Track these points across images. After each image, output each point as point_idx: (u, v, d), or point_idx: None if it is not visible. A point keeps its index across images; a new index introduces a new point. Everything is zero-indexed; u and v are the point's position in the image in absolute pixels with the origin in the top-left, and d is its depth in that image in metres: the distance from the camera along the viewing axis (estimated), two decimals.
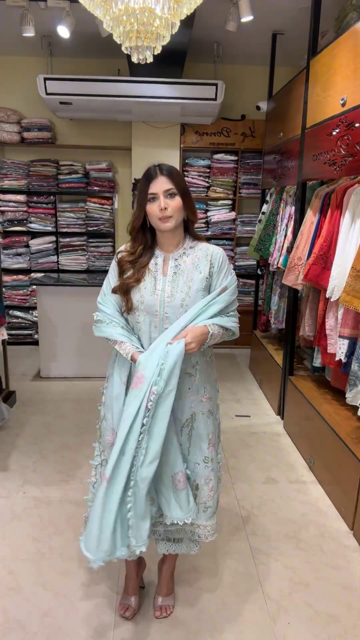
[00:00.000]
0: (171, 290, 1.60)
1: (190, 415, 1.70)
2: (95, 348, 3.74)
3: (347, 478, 2.47)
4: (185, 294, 1.60)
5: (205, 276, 1.62)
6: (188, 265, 1.63)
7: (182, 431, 1.71)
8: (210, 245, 1.69)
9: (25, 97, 5.05)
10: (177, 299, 1.59)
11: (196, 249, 1.66)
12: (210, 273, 1.64)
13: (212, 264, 1.64)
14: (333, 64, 2.75)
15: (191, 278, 1.61)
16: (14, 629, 1.83)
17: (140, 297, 1.61)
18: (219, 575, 2.12)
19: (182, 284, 1.61)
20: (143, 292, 1.61)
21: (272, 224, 3.94)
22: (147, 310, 1.62)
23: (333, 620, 1.91)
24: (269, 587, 2.07)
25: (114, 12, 1.96)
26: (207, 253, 1.65)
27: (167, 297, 1.60)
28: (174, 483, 1.65)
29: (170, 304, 1.60)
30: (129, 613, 1.90)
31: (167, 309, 1.60)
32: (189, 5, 2.02)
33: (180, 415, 1.69)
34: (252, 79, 5.10)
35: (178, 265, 1.63)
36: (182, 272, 1.62)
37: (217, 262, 1.65)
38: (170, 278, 1.62)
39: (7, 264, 5.24)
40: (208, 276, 1.63)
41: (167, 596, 1.95)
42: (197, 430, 1.72)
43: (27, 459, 3.02)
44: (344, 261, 2.55)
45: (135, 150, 5.11)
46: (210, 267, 1.64)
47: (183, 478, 1.66)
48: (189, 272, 1.62)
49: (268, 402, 3.99)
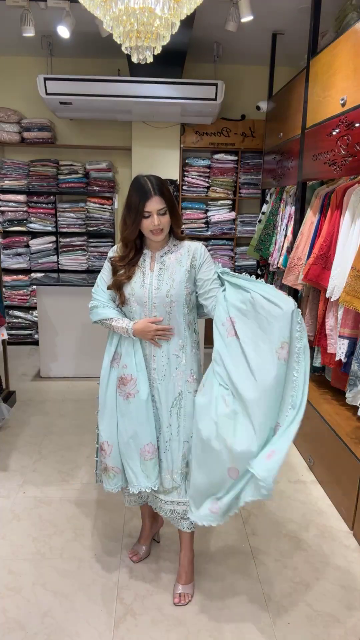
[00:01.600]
0: (157, 283, 1.83)
1: (178, 393, 1.88)
2: (95, 348, 3.74)
3: (347, 478, 2.47)
4: (170, 285, 1.82)
5: (187, 269, 1.84)
6: (172, 261, 1.85)
7: (171, 411, 1.89)
8: (192, 242, 1.90)
9: (25, 97, 5.05)
10: (162, 290, 1.82)
11: (179, 246, 1.88)
12: (192, 265, 1.84)
13: (194, 257, 1.85)
14: (333, 64, 2.75)
15: (175, 272, 1.83)
16: (14, 629, 1.83)
17: (131, 290, 1.85)
18: (219, 575, 2.13)
19: (167, 278, 1.83)
20: (134, 286, 1.84)
21: (272, 224, 3.94)
22: (137, 301, 1.85)
23: (333, 620, 1.91)
24: (269, 587, 2.07)
25: (114, 12, 1.96)
26: (189, 250, 1.86)
27: (155, 289, 1.83)
28: (142, 455, 1.86)
29: (158, 295, 1.82)
30: (136, 558, 2.18)
31: (154, 299, 1.83)
32: (189, 5, 2.02)
33: (170, 395, 1.88)
34: (252, 79, 5.10)
35: (163, 262, 1.85)
36: (166, 267, 1.84)
37: (198, 255, 1.85)
38: (157, 273, 1.84)
39: (7, 264, 5.24)
40: (189, 268, 1.84)
41: (186, 584, 2.01)
42: (185, 408, 1.88)
43: (27, 459, 3.02)
44: (344, 261, 2.55)
45: (135, 150, 5.11)
46: (192, 260, 1.85)
47: (152, 449, 1.87)
48: (172, 267, 1.84)
49: None
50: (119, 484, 1.95)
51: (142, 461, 1.86)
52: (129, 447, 1.87)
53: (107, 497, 2.62)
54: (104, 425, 1.93)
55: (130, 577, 2.10)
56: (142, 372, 1.85)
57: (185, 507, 1.91)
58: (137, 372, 1.85)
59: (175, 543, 2.26)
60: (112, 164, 5.31)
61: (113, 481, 1.95)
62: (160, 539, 2.32)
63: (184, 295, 1.83)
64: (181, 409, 1.88)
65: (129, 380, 1.86)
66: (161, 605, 1.96)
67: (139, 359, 1.86)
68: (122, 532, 2.39)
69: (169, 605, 1.97)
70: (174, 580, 2.06)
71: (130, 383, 1.85)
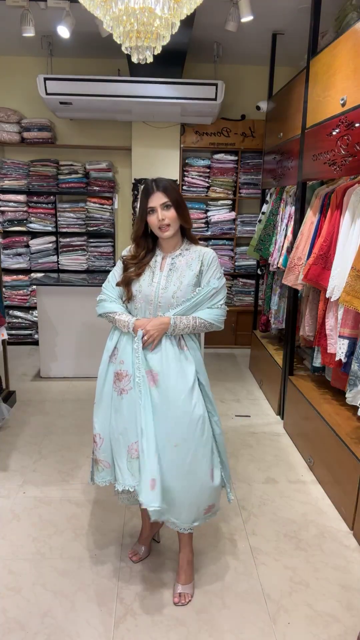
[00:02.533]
0: (165, 283, 1.86)
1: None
2: (95, 348, 3.73)
3: (347, 478, 2.47)
4: (177, 287, 1.85)
5: (195, 273, 1.87)
6: (182, 264, 1.89)
7: None
8: (203, 247, 1.94)
9: (25, 97, 5.06)
10: (169, 291, 1.85)
11: (191, 250, 1.92)
12: (201, 271, 1.88)
13: (203, 262, 1.89)
14: (333, 64, 2.75)
15: (184, 274, 1.87)
16: (14, 629, 1.83)
17: (138, 287, 1.88)
18: (219, 575, 2.13)
19: (175, 279, 1.86)
20: (142, 283, 1.88)
21: (272, 224, 3.94)
22: (144, 299, 1.88)
23: (333, 620, 1.91)
24: (269, 587, 2.07)
25: (114, 12, 1.96)
26: (200, 254, 1.90)
27: (162, 289, 1.86)
28: (129, 452, 1.86)
29: (164, 295, 1.86)
30: (136, 558, 2.18)
31: (160, 298, 1.86)
32: (189, 5, 2.02)
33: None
34: (252, 79, 5.10)
35: (174, 263, 1.89)
36: (176, 269, 1.88)
37: (207, 260, 1.89)
38: (166, 273, 1.88)
39: (7, 264, 5.24)
40: (198, 273, 1.88)
41: (186, 584, 2.02)
42: None
43: (27, 459, 3.02)
44: (344, 261, 2.55)
45: (135, 150, 5.11)
46: (201, 266, 1.88)
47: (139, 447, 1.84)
48: (182, 270, 1.88)
49: (268, 402, 3.99)
50: (107, 479, 1.97)
51: (129, 459, 1.87)
52: (119, 443, 1.89)
53: (107, 497, 2.62)
54: (98, 417, 1.97)
55: (130, 577, 2.10)
56: (138, 369, 1.86)
57: None
58: (132, 368, 1.86)
59: (175, 543, 2.26)
60: (112, 164, 5.31)
61: (101, 474, 1.98)
62: (160, 539, 2.32)
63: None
64: None
65: (124, 376, 1.88)
66: (161, 605, 1.96)
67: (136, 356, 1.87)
68: (122, 532, 2.39)
69: (169, 605, 1.97)
70: (174, 580, 2.06)
71: (125, 379, 1.88)
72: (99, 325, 1.99)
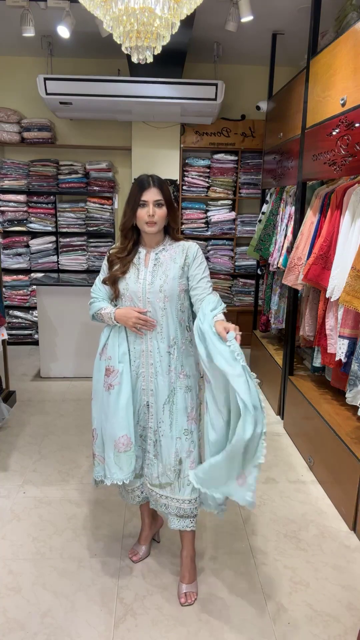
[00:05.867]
0: (151, 279, 1.87)
1: (171, 390, 1.92)
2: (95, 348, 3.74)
3: (347, 478, 2.47)
4: (163, 281, 1.86)
5: (180, 265, 1.89)
6: (167, 258, 1.90)
7: (164, 408, 1.92)
8: (187, 242, 1.95)
9: (25, 97, 5.06)
10: (156, 285, 1.87)
11: (174, 245, 1.93)
12: (186, 263, 1.89)
13: (187, 255, 1.90)
14: (333, 64, 2.75)
15: (169, 268, 1.88)
16: (14, 629, 1.83)
17: (125, 285, 1.90)
18: (219, 575, 2.13)
19: (160, 273, 1.88)
20: (128, 281, 1.89)
21: (272, 224, 3.94)
22: (132, 296, 1.89)
23: (333, 620, 1.91)
24: (269, 587, 2.07)
25: (114, 12, 1.97)
26: (184, 248, 1.92)
27: (148, 285, 1.87)
28: (116, 446, 1.88)
29: (151, 290, 1.87)
30: (136, 558, 2.18)
31: (149, 294, 1.87)
32: (189, 5, 2.02)
33: (164, 391, 1.91)
34: (252, 79, 5.10)
35: (158, 259, 1.90)
36: (161, 264, 1.89)
37: (191, 253, 1.91)
38: (151, 269, 1.89)
39: (7, 264, 5.24)
40: (183, 265, 1.89)
41: (190, 583, 2.02)
42: (177, 404, 1.92)
43: (27, 459, 3.02)
44: (344, 261, 2.55)
45: (135, 150, 5.11)
46: (186, 258, 1.90)
47: (127, 441, 1.88)
48: (166, 264, 1.89)
49: (268, 402, 3.99)
50: (102, 473, 1.98)
51: (116, 453, 1.89)
52: (107, 437, 1.91)
53: (107, 497, 2.62)
54: (95, 413, 1.99)
55: (130, 577, 2.10)
56: (126, 365, 1.89)
57: (179, 504, 1.94)
58: (119, 364, 1.89)
59: (175, 543, 2.26)
60: (112, 164, 5.31)
61: (96, 469, 2.00)
62: (160, 539, 2.32)
63: (177, 291, 1.87)
64: (173, 406, 1.92)
65: (112, 371, 1.91)
66: (161, 605, 1.96)
67: (123, 352, 1.90)
68: (122, 532, 2.39)
69: (169, 605, 1.96)
70: (174, 580, 2.06)
71: (112, 374, 1.90)
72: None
